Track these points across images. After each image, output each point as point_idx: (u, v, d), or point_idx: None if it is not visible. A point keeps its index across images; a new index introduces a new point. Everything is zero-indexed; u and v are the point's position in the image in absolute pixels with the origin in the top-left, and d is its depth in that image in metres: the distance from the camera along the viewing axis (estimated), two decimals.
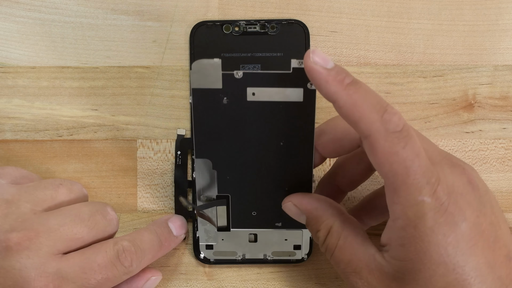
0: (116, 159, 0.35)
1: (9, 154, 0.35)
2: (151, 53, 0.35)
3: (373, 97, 0.25)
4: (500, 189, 0.35)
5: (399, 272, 0.25)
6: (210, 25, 0.34)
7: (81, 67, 0.35)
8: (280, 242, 0.34)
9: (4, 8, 0.35)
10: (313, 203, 0.29)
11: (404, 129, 0.24)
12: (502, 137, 0.35)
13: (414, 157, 0.24)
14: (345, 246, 0.27)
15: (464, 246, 0.24)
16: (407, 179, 0.24)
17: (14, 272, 0.26)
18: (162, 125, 0.35)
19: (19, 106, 0.35)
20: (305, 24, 0.34)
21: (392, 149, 0.24)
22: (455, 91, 0.35)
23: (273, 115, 0.30)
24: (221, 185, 0.32)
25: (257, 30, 0.33)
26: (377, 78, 0.35)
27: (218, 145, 0.31)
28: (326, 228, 0.28)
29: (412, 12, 0.35)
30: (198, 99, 0.29)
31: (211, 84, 0.29)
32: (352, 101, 0.24)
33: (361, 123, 0.24)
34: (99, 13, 0.35)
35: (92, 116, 0.35)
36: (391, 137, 0.24)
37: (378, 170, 0.25)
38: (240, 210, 0.32)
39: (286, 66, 0.28)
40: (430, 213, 0.24)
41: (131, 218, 0.35)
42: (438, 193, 0.24)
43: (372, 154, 0.25)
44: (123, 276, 0.28)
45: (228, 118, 0.30)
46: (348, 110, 0.25)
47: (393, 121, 0.24)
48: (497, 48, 0.35)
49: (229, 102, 0.30)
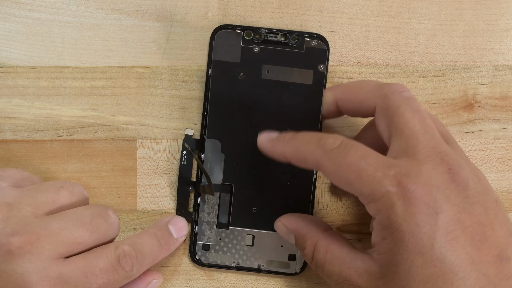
0: (116, 159, 0.35)
1: (9, 154, 0.35)
2: (151, 53, 0.35)
3: (309, 136, 0.28)
4: (500, 189, 0.35)
5: (384, 267, 0.26)
6: (232, 30, 0.33)
7: (81, 67, 0.35)
8: (276, 248, 0.33)
9: (4, 8, 0.35)
10: (299, 222, 0.31)
11: (343, 144, 0.27)
12: (502, 137, 0.35)
13: (359, 160, 0.26)
14: (333, 259, 0.28)
15: (441, 239, 0.24)
16: (360, 179, 0.26)
17: (16, 276, 0.26)
18: (162, 125, 0.35)
19: (19, 106, 0.35)
20: (326, 38, 0.33)
21: (335, 163, 0.26)
22: (455, 91, 0.35)
23: (284, 97, 0.32)
24: (227, 172, 0.33)
25: (278, 39, 0.33)
26: (377, 78, 0.35)
27: (229, 125, 0.32)
28: (311, 245, 0.29)
29: (412, 12, 0.35)
30: (217, 72, 0.31)
31: (231, 57, 0.32)
32: (294, 148, 0.28)
33: (307, 159, 0.28)
34: (99, 13, 0.35)
35: (92, 116, 0.35)
36: (331, 155, 0.27)
37: (340, 187, 0.27)
38: (241, 203, 0.33)
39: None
40: (399, 202, 0.25)
41: (131, 218, 0.35)
42: (404, 183, 0.25)
43: (327, 176, 0.28)
44: (124, 280, 0.28)
45: (243, 95, 0.32)
46: (294, 156, 0.28)
47: (328, 142, 0.27)
48: (497, 48, 0.35)
49: (245, 78, 0.32)
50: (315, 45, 0.32)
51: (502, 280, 0.25)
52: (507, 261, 0.25)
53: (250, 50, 0.32)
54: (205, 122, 0.33)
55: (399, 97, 0.28)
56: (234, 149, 0.33)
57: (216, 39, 0.32)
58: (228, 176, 0.33)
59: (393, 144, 0.27)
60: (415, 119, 0.27)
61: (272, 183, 0.33)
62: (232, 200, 0.33)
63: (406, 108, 0.27)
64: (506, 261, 0.25)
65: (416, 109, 0.27)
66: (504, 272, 0.25)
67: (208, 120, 0.32)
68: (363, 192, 0.26)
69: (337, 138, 0.27)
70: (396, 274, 0.25)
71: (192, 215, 0.34)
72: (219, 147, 0.32)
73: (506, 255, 0.25)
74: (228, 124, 0.32)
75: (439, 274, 0.24)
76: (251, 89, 0.32)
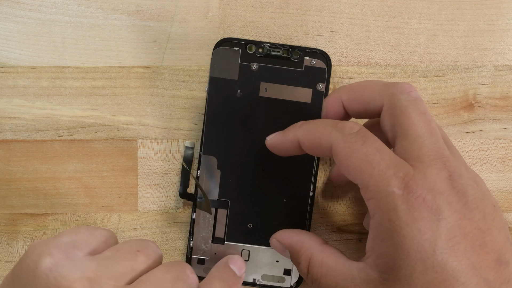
0: (116, 159, 0.35)
1: (9, 154, 0.35)
2: (151, 53, 0.35)
3: (325, 120, 0.28)
4: (500, 189, 0.35)
5: (383, 272, 0.26)
6: (235, 43, 0.33)
7: (82, 67, 0.35)
8: (271, 263, 0.33)
9: (4, 8, 0.35)
10: (293, 237, 0.30)
11: (361, 131, 0.27)
12: (503, 137, 0.35)
13: (375, 152, 0.26)
14: (328, 273, 0.28)
15: (443, 245, 0.24)
16: (372, 171, 0.26)
17: None
18: (162, 125, 0.35)
19: (19, 106, 0.35)
20: (327, 53, 0.33)
21: (351, 148, 0.26)
22: (456, 91, 0.35)
23: (282, 115, 0.32)
24: (223, 188, 0.32)
25: (280, 54, 0.33)
26: (377, 78, 0.35)
27: (226, 142, 0.32)
28: (306, 260, 0.29)
29: (413, 12, 0.35)
30: (214, 89, 0.31)
31: (228, 74, 0.31)
32: (308, 131, 0.28)
33: (322, 141, 0.28)
34: (99, 13, 0.35)
35: (92, 116, 0.35)
36: (349, 138, 0.27)
37: (347, 174, 0.27)
38: (237, 219, 0.33)
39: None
40: (403, 205, 0.25)
41: (132, 218, 0.35)
42: (411, 187, 0.25)
43: (337, 160, 0.27)
44: None
45: (240, 112, 0.32)
46: (308, 139, 0.28)
47: (347, 126, 0.27)
48: (497, 48, 0.35)
49: (243, 95, 0.32)
50: (314, 64, 0.32)
51: (502, 284, 0.25)
52: (506, 266, 0.25)
53: (248, 68, 0.32)
54: (201, 139, 0.33)
55: (407, 97, 0.28)
56: (230, 165, 0.32)
57: (214, 56, 0.32)
58: (224, 192, 0.33)
59: (397, 144, 0.27)
60: (421, 121, 0.27)
61: (268, 200, 0.33)
62: (228, 215, 0.33)
63: (413, 109, 0.27)
64: (505, 265, 0.25)
65: (422, 111, 0.27)
66: (503, 276, 0.25)
67: (205, 136, 0.32)
68: (370, 185, 0.26)
69: (355, 124, 0.27)
70: (397, 280, 0.25)
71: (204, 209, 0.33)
72: (215, 164, 0.32)
73: (505, 259, 0.25)
74: (225, 141, 0.32)
75: (441, 280, 0.24)
76: (248, 106, 0.32)
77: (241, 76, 0.32)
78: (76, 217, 0.35)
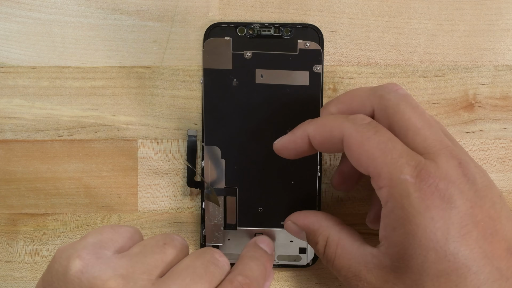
0: (116, 159, 0.35)
1: (9, 154, 0.35)
2: (151, 53, 0.35)
3: (331, 115, 0.29)
4: (500, 189, 0.35)
5: (395, 261, 0.26)
6: (225, 27, 0.33)
7: (82, 67, 0.35)
8: (286, 243, 0.34)
9: (4, 8, 0.35)
10: (309, 218, 0.30)
11: (372, 122, 0.27)
12: (503, 137, 0.35)
13: (387, 140, 0.26)
14: (343, 254, 0.28)
15: (455, 234, 0.24)
16: (385, 158, 0.26)
17: None
18: (162, 125, 0.35)
19: (19, 106, 0.35)
20: (319, 28, 0.33)
21: (364, 137, 0.26)
22: (456, 91, 0.35)
23: (281, 99, 0.32)
24: (229, 176, 0.33)
25: (271, 33, 0.33)
26: (377, 78, 0.35)
27: (227, 131, 0.32)
28: (323, 240, 0.29)
29: (413, 12, 0.35)
30: (209, 80, 0.31)
31: (222, 64, 0.32)
32: (318, 124, 0.28)
33: (333, 131, 0.28)
34: (99, 13, 0.35)
35: (92, 116, 0.35)
36: (361, 128, 0.27)
37: (357, 164, 0.27)
38: (247, 205, 0.33)
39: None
40: (416, 193, 0.25)
41: (132, 218, 0.35)
42: (423, 175, 0.25)
43: (349, 150, 0.27)
44: None
45: (238, 101, 0.32)
46: (319, 131, 0.28)
47: (359, 117, 0.27)
48: (497, 48, 0.35)
49: (239, 84, 0.32)
50: (309, 46, 0.32)
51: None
52: None
53: (241, 56, 0.32)
54: (202, 130, 0.33)
55: (395, 95, 0.28)
56: (234, 153, 0.33)
57: (205, 47, 0.32)
58: (231, 180, 0.33)
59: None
60: (417, 115, 0.27)
61: (275, 183, 0.33)
62: (237, 202, 0.33)
63: (405, 105, 0.27)
64: None
65: (414, 106, 0.28)
66: None
67: (205, 127, 0.32)
68: (382, 173, 0.26)
69: (366, 116, 0.28)
70: (409, 268, 0.25)
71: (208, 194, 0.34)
72: (219, 153, 0.32)
73: None
74: (226, 130, 0.32)
75: (453, 268, 0.24)
76: (246, 94, 0.32)
77: (235, 65, 0.32)
78: (76, 217, 0.35)
